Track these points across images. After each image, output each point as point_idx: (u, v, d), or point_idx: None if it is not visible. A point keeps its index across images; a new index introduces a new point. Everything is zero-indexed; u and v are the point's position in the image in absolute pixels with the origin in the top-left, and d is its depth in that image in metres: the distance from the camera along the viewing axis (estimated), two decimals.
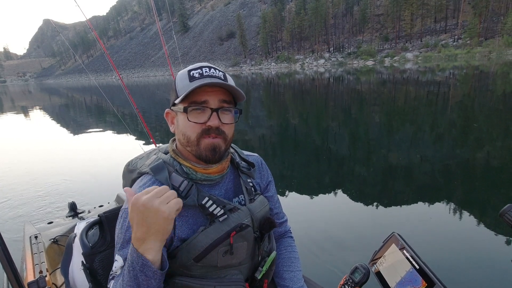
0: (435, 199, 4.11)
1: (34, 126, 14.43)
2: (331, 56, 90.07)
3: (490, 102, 11.74)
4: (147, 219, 0.72)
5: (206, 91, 0.90)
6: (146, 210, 0.72)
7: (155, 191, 0.74)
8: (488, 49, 56.76)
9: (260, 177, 1.18)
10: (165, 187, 0.77)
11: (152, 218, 0.72)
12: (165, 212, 0.73)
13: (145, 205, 0.72)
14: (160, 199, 0.73)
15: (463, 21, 70.88)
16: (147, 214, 0.72)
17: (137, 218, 0.73)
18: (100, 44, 3.22)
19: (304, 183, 5.14)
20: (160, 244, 0.76)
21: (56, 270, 1.83)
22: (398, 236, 1.03)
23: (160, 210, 0.72)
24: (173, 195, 0.76)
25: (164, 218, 0.73)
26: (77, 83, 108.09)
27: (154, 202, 0.72)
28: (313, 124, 10.15)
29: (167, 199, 0.75)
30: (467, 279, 2.64)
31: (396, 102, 13.94)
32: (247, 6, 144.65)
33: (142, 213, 0.72)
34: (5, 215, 4.45)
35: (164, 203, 0.73)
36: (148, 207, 0.72)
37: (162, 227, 0.73)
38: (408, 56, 67.85)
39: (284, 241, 1.27)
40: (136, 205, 0.73)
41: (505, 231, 3.20)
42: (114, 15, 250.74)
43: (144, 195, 0.74)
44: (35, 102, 31.98)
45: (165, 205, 0.73)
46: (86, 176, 5.99)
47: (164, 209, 0.73)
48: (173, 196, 0.76)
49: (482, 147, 6.33)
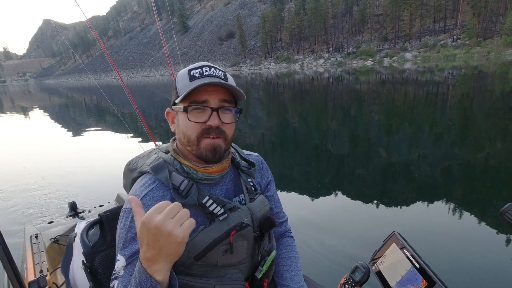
0: (435, 199, 4.11)
1: (34, 126, 14.42)
2: (330, 56, 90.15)
3: (489, 102, 11.76)
4: (159, 242, 0.68)
5: (206, 91, 0.90)
6: (158, 233, 0.67)
7: (168, 210, 0.69)
8: (487, 49, 56.80)
9: (260, 176, 1.18)
10: (177, 205, 0.72)
11: (165, 241, 0.68)
12: (179, 237, 0.68)
13: (158, 227, 0.67)
14: (174, 221, 0.69)
15: (462, 21, 70.96)
16: (159, 237, 0.67)
17: (147, 239, 0.68)
18: (100, 44, 3.23)
19: (304, 183, 5.13)
20: (170, 266, 0.73)
21: (56, 270, 1.83)
22: (398, 236, 1.03)
23: (173, 235, 0.68)
24: (186, 215, 0.72)
25: (178, 242, 0.69)
26: (76, 83, 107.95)
27: (168, 225, 0.68)
28: (313, 124, 10.15)
29: (181, 220, 0.70)
30: (468, 278, 2.64)
31: (395, 102, 13.96)
32: (247, 6, 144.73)
33: (154, 236, 0.67)
34: (5, 215, 4.45)
35: (177, 225, 0.69)
36: (161, 230, 0.67)
37: (174, 251, 0.70)
38: (407, 56, 67.93)
39: (284, 241, 1.27)
40: (147, 225, 0.67)
41: (505, 230, 3.20)
42: (114, 15, 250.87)
43: (156, 215, 0.68)
44: (35, 102, 31.92)
45: (179, 228, 0.69)
46: (86, 175, 6.00)
47: (178, 233, 0.68)
48: (186, 216, 0.72)
49: (482, 147, 6.33)
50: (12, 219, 4.27)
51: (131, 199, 0.74)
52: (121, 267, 0.85)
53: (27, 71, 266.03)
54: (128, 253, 0.85)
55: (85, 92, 44.45)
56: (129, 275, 0.84)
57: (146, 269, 0.71)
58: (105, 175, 5.93)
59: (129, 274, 0.84)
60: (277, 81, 36.59)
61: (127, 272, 0.84)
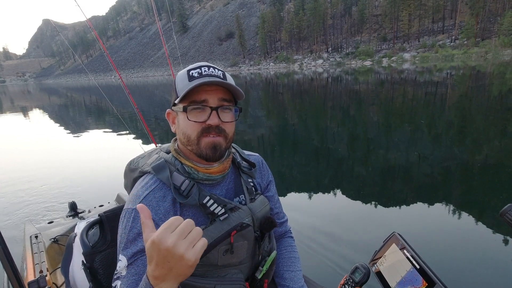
0: (435, 199, 4.11)
1: (34, 126, 14.41)
2: (329, 56, 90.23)
3: (488, 102, 11.77)
4: (169, 264, 0.63)
5: (205, 90, 0.91)
6: (169, 255, 0.63)
7: (180, 231, 0.64)
8: (485, 49, 56.96)
9: (260, 177, 1.19)
10: (190, 223, 0.66)
11: (175, 263, 0.63)
12: (191, 260, 0.64)
13: (169, 250, 0.62)
14: (186, 243, 0.64)
15: (461, 22, 71.04)
16: (170, 259, 0.63)
17: (157, 259, 0.64)
18: (101, 44, 3.22)
19: (304, 183, 5.14)
20: (178, 284, 0.69)
21: (56, 270, 1.84)
22: (398, 236, 1.03)
23: (185, 258, 0.63)
24: (199, 235, 0.67)
25: (189, 265, 0.65)
26: (76, 83, 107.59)
27: (180, 248, 0.63)
28: (313, 125, 10.16)
29: (193, 241, 0.65)
30: (468, 279, 2.64)
31: (394, 102, 13.98)
32: (246, 7, 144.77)
33: (164, 257, 0.63)
34: (5, 215, 4.45)
35: (190, 247, 0.64)
36: (172, 252, 0.62)
37: (184, 272, 0.66)
38: (406, 57, 68.02)
39: (284, 241, 1.28)
40: (158, 246, 0.62)
41: (505, 231, 3.20)
42: (113, 15, 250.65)
43: (168, 234, 0.63)
44: (34, 102, 31.88)
45: (191, 251, 0.64)
46: (86, 175, 6.01)
47: (190, 256, 0.64)
48: (199, 237, 0.67)
49: (482, 147, 6.34)
50: (12, 219, 4.28)
51: (140, 209, 0.68)
52: (123, 267, 0.84)
53: (27, 71, 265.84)
54: (130, 253, 0.85)
55: (85, 92, 44.38)
56: (131, 275, 0.83)
57: (154, 286, 0.67)
58: (105, 175, 5.94)
59: (132, 274, 0.83)
60: (276, 81, 36.59)
61: (129, 272, 0.84)
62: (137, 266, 0.84)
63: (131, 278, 0.83)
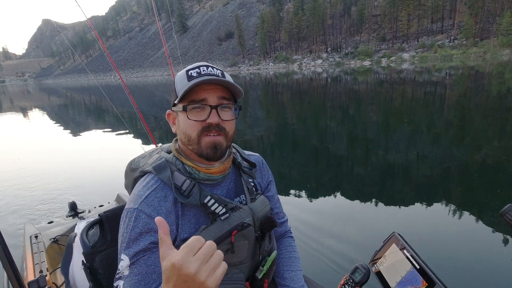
0: (435, 199, 4.12)
1: (33, 126, 14.41)
2: (328, 56, 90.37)
3: (487, 102, 11.79)
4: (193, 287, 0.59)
5: (204, 89, 0.91)
6: (190, 280, 0.58)
7: (202, 255, 0.60)
8: (483, 49, 57.24)
9: (261, 176, 1.20)
10: (212, 246, 0.62)
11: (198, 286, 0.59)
12: (211, 286, 0.60)
13: (191, 276, 0.58)
14: (208, 269, 0.60)
15: (460, 22, 71.25)
16: (190, 284, 0.59)
17: (175, 282, 0.59)
18: (101, 44, 3.21)
19: (304, 183, 5.14)
20: None
21: (56, 270, 1.84)
22: (398, 236, 1.04)
23: (206, 285, 0.59)
24: (220, 260, 0.62)
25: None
26: (76, 83, 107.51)
27: (202, 275, 0.59)
28: (313, 124, 10.16)
29: (215, 266, 0.61)
30: (468, 279, 2.64)
31: (394, 102, 13.99)
32: (246, 7, 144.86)
33: (185, 282, 0.58)
34: (5, 215, 4.45)
35: (211, 274, 0.60)
36: (194, 279, 0.58)
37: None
38: (405, 57, 68.19)
39: (285, 241, 1.29)
40: (179, 271, 0.58)
41: (505, 231, 3.21)
42: (113, 15, 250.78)
43: (190, 258, 0.59)
44: (34, 102, 31.86)
45: (212, 277, 0.60)
46: (86, 176, 6.01)
47: (211, 283, 0.60)
48: (220, 261, 0.62)
49: (482, 147, 6.36)
50: (12, 219, 4.28)
51: (159, 224, 0.63)
52: (125, 267, 0.85)
53: (26, 71, 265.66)
54: (132, 253, 0.85)
55: (84, 92, 44.36)
56: (134, 274, 0.84)
57: None
58: (105, 175, 5.95)
59: (134, 274, 0.84)
60: (276, 81, 36.60)
61: (132, 272, 0.84)
62: (140, 266, 0.85)
63: (134, 277, 0.84)
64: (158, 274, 0.86)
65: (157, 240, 0.79)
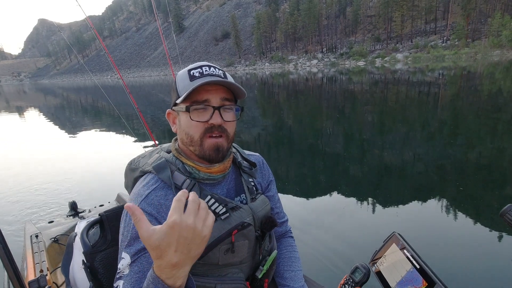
0: (435, 199, 4.11)
1: (33, 126, 14.23)
2: (324, 56, 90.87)
3: (482, 102, 11.85)
4: (189, 245, 0.62)
5: (207, 90, 0.91)
6: (190, 235, 0.62)
7: (192, 209, 0.63)
8: (475, 50, 57.86)
9: (261, 176, 1.20)
10: (195, 199, 0.65)
11: (194, 242, 0.63)
12: (207, 236, 0.65)
13: (191, 228, 0.61)
14: (201, 219, 0.64)
15: (452, 23, 71.81)
16: (190, 239, 0.62)
17: (177, 243, 0.61)
18: (101, 42, 3.21)
19: (304, 183, 5.12)
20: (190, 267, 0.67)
21: (56, 269, 1.84)
22: (398, 236, 1.04)
23: (202, 234, 0.64)
24: (207, 210, 0.67)
25: (204, 242, 0.65)
26: (72, 83, 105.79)
27: (198, 225, 0.63)
28: (311, 124, 10.11)
29: (205, 216, 0.65)
30: (468, 279, 2.64)
31: (392, 102, 13.96)
32: (242, 7, 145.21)
33: (185, 238, 0.61)
34: (5, 214, 4.43)
35: (204, 224, 0.64)
36: (193, 231, 0.62)
37: (200, 250, 0.66)
38: (399, 57, 68.66)
39: (285, 241, 1.29)
40: (179, 227, 0.60)
41: (505, 231, 3.21)
42: (109, 15, 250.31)
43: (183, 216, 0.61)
44: (31, 102, 31.57)
45: (205, 226, 0.64)
46: (87, 175, 5.97)
47: (206, 232, 0.64)
48: (207, 211, 0.67)
49: (482, 147, 6.37)
50: (13, 219, 4.26)
51: (130, 208, 0.62)
52: (126, 265, 0.85)
53: (22, 71, 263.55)
54: (134, 250, 0.85)
55: (81, 92, 44.01)
56: (134, 273, 0.84)
57: (165, 281, 0.64)
58: (105, 175, 5.91)
59: (135, 273, 0.84)
60: (272, 81, 36.55)
61: (132, 271, 0.84)
62: (141, 264, 0.84)
63: (134, 276, 0.83)
64: None
65: None
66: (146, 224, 0.62)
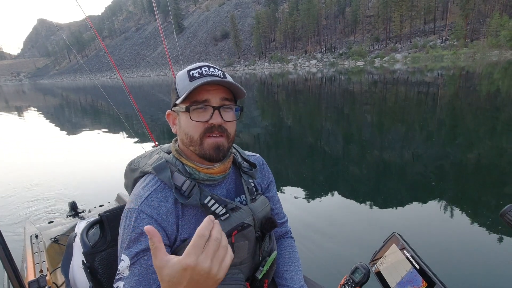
0: (435, 199, 4.11)
1: (32, 126, 14.24)
2: (323, 56, 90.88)
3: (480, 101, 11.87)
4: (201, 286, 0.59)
5: (207, 90, 0.91)
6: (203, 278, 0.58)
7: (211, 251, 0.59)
8: (473, 50, 57.93)
9: (261, 177, 1.20)
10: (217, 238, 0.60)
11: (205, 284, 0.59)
12: (221, 279, 0.61)
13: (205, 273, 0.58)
14: (218, 262, 0.60)
15: (451, 23, 71.88)
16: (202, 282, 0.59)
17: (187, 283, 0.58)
18: (100, 42, 3.20)
19: (303, 183, 5.12)
20: None
21: (56, 269, 1.84)
22: (398, 236, 1.04)
23: (217, 277, 0.60)
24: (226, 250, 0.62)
25: (217, 284, 0.61)
26: (71, 83, 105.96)
27: (214, 269, 0.59)
28: (311, 124, 10.11)
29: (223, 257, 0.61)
30: (468, 279, 2.64)
31: (392, 102, 13.97)
32: (242, 7, 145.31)
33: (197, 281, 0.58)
34: (6, 214, 4.44)
35: (221, 266, 0.60)
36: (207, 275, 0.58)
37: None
38: (397, 57, 68.67)
39: (285, 241, 1.29)
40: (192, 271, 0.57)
41: (505, 231, 3.21)
42: (109, 15, 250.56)
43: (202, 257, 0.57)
44: (30, 103, 31.57)
45: (222, 269, 0.60)
46: (86, 175, 5.99)
47: (221, 275, 0.61)
48: (226, 251, 0.62)
49: (483, 147, 6.37)
50: (12, 219, 4.26)
51: (150, 232, 0.59)
52: (126, 267, 0.85)
53: (21, 71, 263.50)
54: (133, 253, 0.85)
55: (81, 92, 43.92)
56: (134, 275, 0.84)
57: None
58: (105, 175, 5.93)
59: (135, 274, 0.84)
60: (271, 81, 36.58)
61: (132, 272, 0.84)
62: (140, 266, 0.85)
63: (134, 278, 0.84)
64: None
65: None
66: (162, 253, 0.59)
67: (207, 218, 0.61)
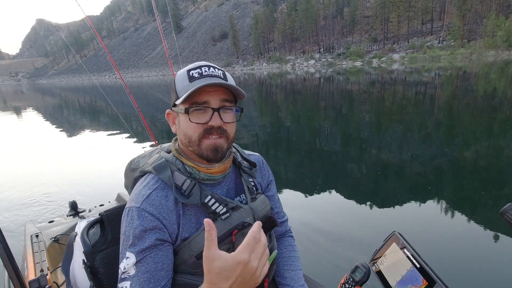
0: (436, 199, 4.11)
1: (32, 126, 14.18)
2: (321, 56, 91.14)
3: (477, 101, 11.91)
4: (247, 283, 0.65)
5: (206, 91, 0.90)
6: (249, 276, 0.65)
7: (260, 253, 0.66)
8: (470, 50, 58.21)
9: (261, 176, 1.20)
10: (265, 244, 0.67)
11: (250, 282, 0.66)
12: (261, 278, 0.67)
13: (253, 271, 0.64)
14: (262, 265, 0.66)
15: (448, 23, 72.18)
16: (249, 279, 0.65)
17: (236, 278, 0.64)
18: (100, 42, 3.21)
19: (303, 182, 5.12)
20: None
21: (57, 269, 1.83)
22: (398, 235, 1.03)
23: (260, 277, 0.66)
24: (267, 253, 0.69)
25: (258, 283, 0.67)
26: (70, 83, 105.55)
27: (259, 270, 0.66)
28: (311, 124, 10.11)
29: (265, 262, 0.68)
30: (468, 278, 2.64)
31: (387, 102, 13.97)
32: (240, 7, 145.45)
33: (244, 278, 0.64)
34: (6, 214, 4.43)
35: (263, 268, 0.67)
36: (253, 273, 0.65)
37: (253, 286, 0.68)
38: (395, 57, 68.90)
39: (285, 240, 1.29)
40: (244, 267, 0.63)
41: (505, 230, 3.21)
42: (108, 15, 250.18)
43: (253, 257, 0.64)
44: (29, 103, 31.45)
45: (263, 271, 0.67)
46: (87, 175, 5.98)
47: (262, 276, 0.67)
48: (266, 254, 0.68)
49: (483, 147, 6.38)
50: (13, 218, 4.25)
51: (209, 224, 0.65)
52: (131, 265, 0.85)
53: (20, 71, 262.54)
54: (138, 249, 0.85)
55: (79, 92, 43.89)
56: (142, 273, 0.84)
57: None
58: (105, 175, 5.91)
59: (142, 273, 0.84)
60: (270, 82, 36.61)
61: (139, 271, 0.84)
62: (148, 264, 0.85)
63: (142, 276, 0.84)
64: (166, 271, 0.88)
65: (162, 237, 0.87)
66: (215, 246, 0.64)
67: (256, 223, 0.66)
